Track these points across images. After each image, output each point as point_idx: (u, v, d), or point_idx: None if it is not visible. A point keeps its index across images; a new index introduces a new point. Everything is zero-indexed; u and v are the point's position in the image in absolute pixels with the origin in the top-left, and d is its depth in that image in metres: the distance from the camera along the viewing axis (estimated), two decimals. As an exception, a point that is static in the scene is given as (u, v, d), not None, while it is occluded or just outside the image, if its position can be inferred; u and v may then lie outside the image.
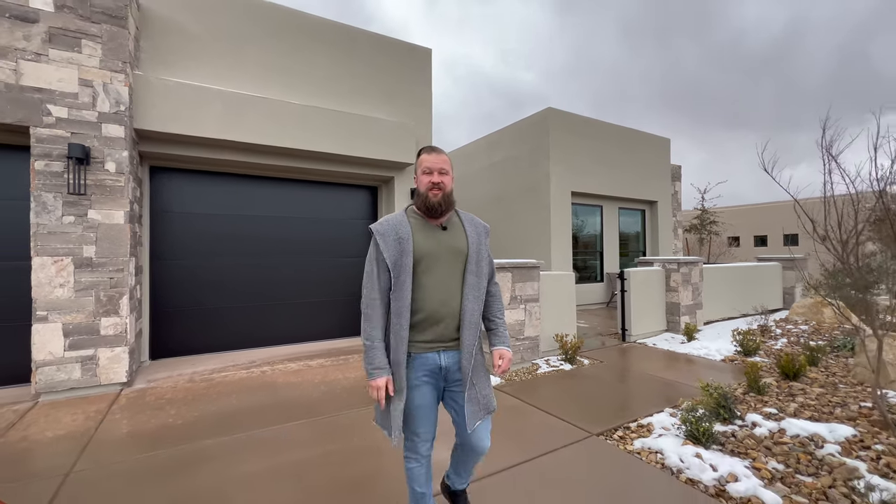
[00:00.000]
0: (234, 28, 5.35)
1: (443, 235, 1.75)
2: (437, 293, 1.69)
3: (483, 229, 1.86)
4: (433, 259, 1.70)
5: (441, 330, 1.71)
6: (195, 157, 5.18)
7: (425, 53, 6.91)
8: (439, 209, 1.72)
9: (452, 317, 1.71)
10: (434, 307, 1.69)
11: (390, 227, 1.72)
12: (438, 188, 1.71)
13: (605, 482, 2.59)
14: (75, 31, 4.08)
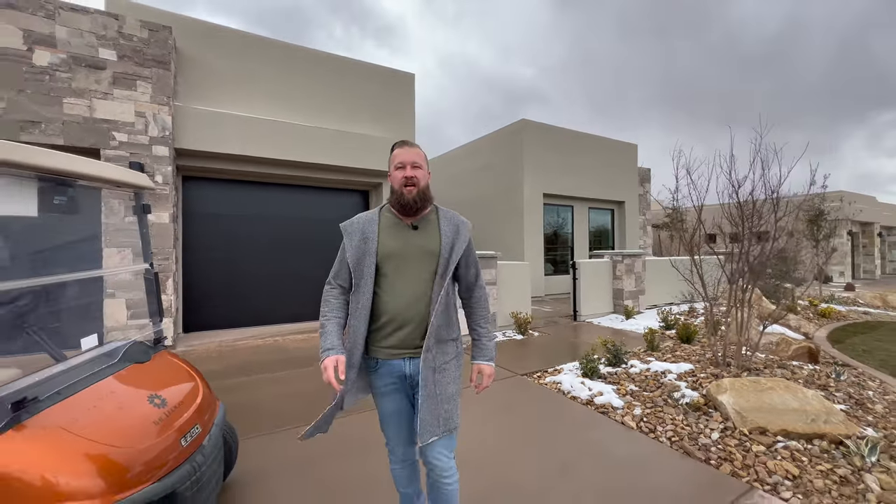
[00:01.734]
0: (247, 63, 6.57)
1: (412, 235, 1.62)
2: (402, 297, 1.58)
3: (463, 227, 1.68)
4: (400, 260, 1.59)
5: (405, 335, 1.58)
6: (219, 169, 6.41)
7: (409, 77, 8.15)
8: (414, 206, 1.60)
9: (418, 322, 1.57)
10: (398, 311, 1.58)
11: (358, 225, 1.66)
12: (412, 183, 1.59)
13: (516, 399, 3.85)
14: (132, 75, 5.31)
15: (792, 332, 5.24)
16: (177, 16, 6.08)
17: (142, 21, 5.39)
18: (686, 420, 3.27)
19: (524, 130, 10.88)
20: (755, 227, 4.22)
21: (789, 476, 2.54)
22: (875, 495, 2.34)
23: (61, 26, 4.97)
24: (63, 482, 1.29)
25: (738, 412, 3.14)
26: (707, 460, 2.74)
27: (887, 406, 3.53)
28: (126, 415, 1.59)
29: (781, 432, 2.97)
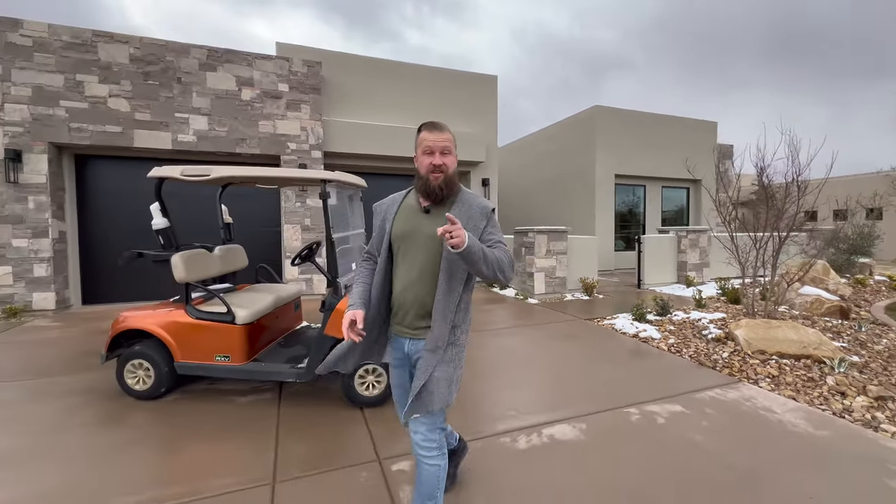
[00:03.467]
0: (371, 81, 8.44)
1: (423, 220, 1.60)
2: (404, 279, 1.61)
3: (479, 211, 1.60)
4: (408, 244, 1.60)
5: (404, 316, 1.63)
6: (352, 165, 8.44)
7: (492, 79, 9.54)
8: (440, 194, 1.56)
9: (416, 305, 1.59)
10: (399, 291, 1.63)
11: (382, 207, 1.72)
12: (440, 171, 1.54)
13: (576, 331, 5.30)
14: (298, 100, 7.42)
15: (828, 294, 5.90)
16: (324, 51, 8.10)
17: (303, 60, 7.46)
18: (707, 347, 4.48)
19: (597, 116, 11.70)
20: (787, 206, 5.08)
21: (770, 376, 3.73)
22: (827, 387, 3.47)
23: (256, 70, 7.17)
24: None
25: (747, 340, 4.29)
26: (713, 367, 3.99)
27: (887, 348, 4.39)
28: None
29: (777, 353, 4.09)
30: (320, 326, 3.08)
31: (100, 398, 3.25)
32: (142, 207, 6.94)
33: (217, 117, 6.96)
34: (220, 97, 6.98)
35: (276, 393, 3.37)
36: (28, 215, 6.16)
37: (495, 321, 5.97)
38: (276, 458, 2.44)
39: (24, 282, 6.15)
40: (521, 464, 2.42)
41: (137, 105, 6.55)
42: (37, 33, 6.11)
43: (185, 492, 2.14)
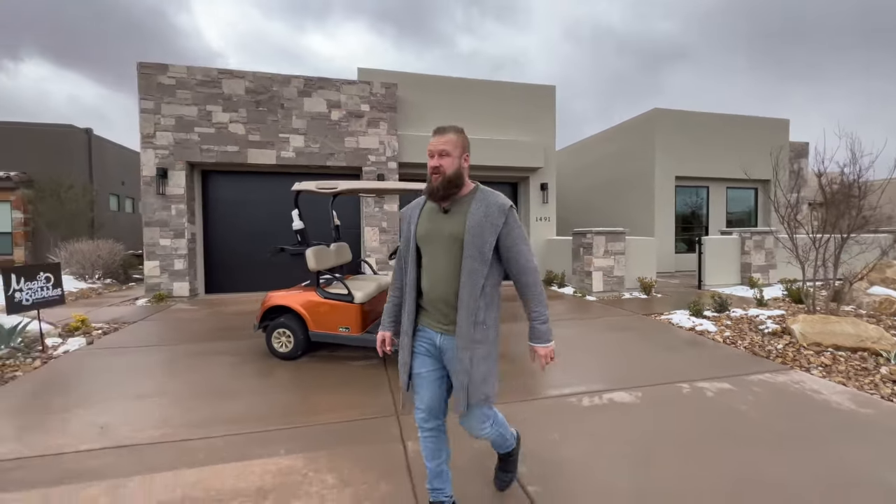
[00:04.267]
0: (439, 96, 9.33)
1: (442, 219, 1.67)
2: (430, 277, 1.70)
3: (497, 209, 1.63)
4: (431, 243, 1.69)
5: (432, 313, 1.72)
6: (422, 173, 9.36)
7: (549, 89, 10.08)
8: (438, 192, 1.64)
9: (442, 302, 1.67)
10: (427, 290, 1.71)
11: (407, 212, 1.82)
12: (437, 171, 1.62)
13: (632, 325, 5.74)
14: (377, 118, 8.46)
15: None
16: (399, 73, 9.13)
17: (382, 83, 8.50)
18: (762, 340, 4.77)
19: (656, 119, 11.79)
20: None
21: (822, 365, 4.01)
22: (880, 375, 3.71)
23: (342, 94, 8.31)
24: None
25: (802, 334, 4.54)
26: (766, 356, 4.31)
27: (957, 345, 4.42)
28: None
29: (832, 346, 4.32)
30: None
31: (252, 358, 4.28)
32: (252, 213, 8.35)
33: (311, 136, 8.16)
34: (314, 118, 8.18)
35: (382, 360, 4.23)
36: (171, 220, 7.68)
37: (552, 314, 6.52)
38: (393, 401, 3.25)
39: (168, 273, 7.67)
40: (585, 415, 3.05)
41: (250, 128, 7.89)
42: (178, 75, 7.61)
43: (327, 419, 3.00)
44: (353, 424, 2.89)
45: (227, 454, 2.48)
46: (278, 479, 2.22)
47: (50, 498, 2.09)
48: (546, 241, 10.19)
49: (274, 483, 2.19)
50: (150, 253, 7.66)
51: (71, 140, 13.50)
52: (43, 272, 4.45)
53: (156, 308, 6.90)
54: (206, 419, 2.97)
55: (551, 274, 9.43)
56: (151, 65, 7.54)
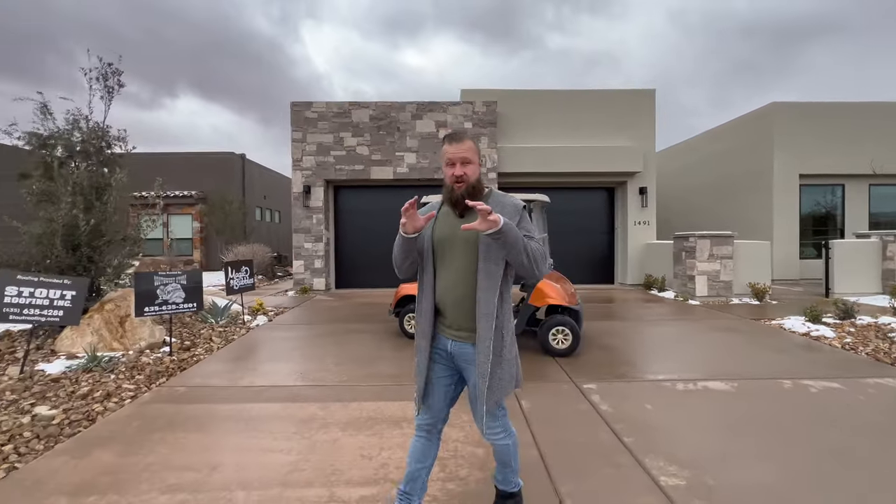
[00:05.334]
0: (533, 109, 9.93)
1: (459, 223, 1.63)
2: (442, 281, 1.68)
3: (511, 208, 1.65)
4: (448, 247, 1.67)
5: (449, 319, 1.69)
6: (518, 182, 10.03)
7: (649, 93, 10.04)
8: (464, 202, 1.57)
9: (455, 306, 1.66)
10: (441, 294, 1.68)
11: (423, 214, 1.74)
12: (462, 180, 1.61)
13: (738, 327, 5.71)
14: (478, 134, 9.36)
15: None
16: (498, 91, 9.96)
17: (483, 102, 9.39)
18: (889, 347, 4.52)
19: (773, 114, 10.90)
20: None
21: (960, 374, 3.78)
22: None
23: (448, 115, 9.37)
24: (553, 293, 4.45)
25: (940, 343, 4.23)
26: (892, 363, 4.14)
27: None
28: (566, 281, 4.73)
29: (978, 357, 3.99)
30: (524, 297, 4.57)
31: (387, 336, 5.35)
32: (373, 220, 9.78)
33: (422, 153, 9.35)
34: (424, 138, 9.36)
35: (491, 343, 5.00)
36: (312, 228, 9.42)
37: (652, 315, 6.69)
38: (506, 373, 3.98)
39: (310, 271, 9.41)
40: (678, 396, 3.45)
41: (373, 149, 9.34)
42: (319, 109, 9.36)
43: (464, 379, 3.82)
44: (477, 386, 3.69)
45: (385, 396, 3.44)
46: (430, 412, 3.09)
47: (289, 407, 3.22)
48: (645, 245, 10.11)
49: (428, 414, 3.07)
50: (297, 254, 9.48)
51: (230, 164, 16.81)
52: (244, 266, 6.08)
53: (302, 298, 8.57)
54: (363, 375, 4.00)
55: (650, 278, 9.37)
56: (300, 103, 9.39)
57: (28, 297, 3.74)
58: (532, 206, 4.66)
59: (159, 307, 4.32)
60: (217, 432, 2.85)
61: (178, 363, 4.12)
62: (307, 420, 3.01)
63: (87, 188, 4.85)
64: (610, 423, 2.91)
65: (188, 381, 3.74)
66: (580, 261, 10.45)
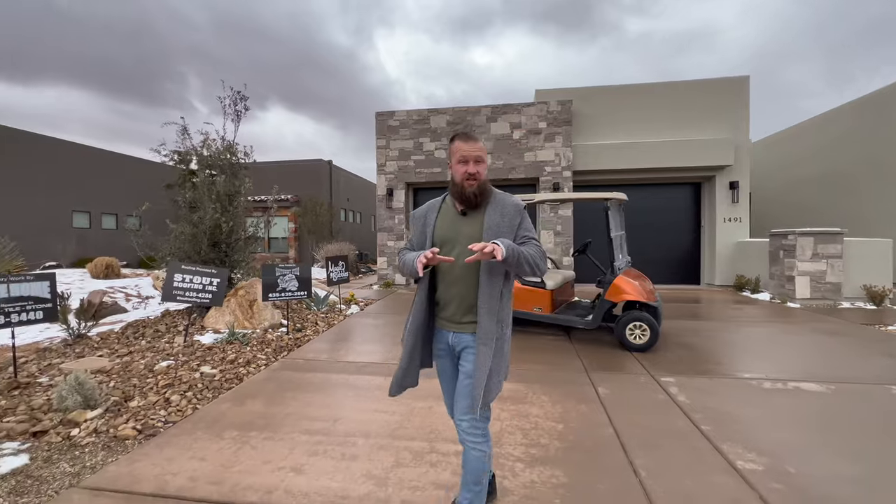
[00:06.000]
0: (612, 106, 9.75)
1: (461, 222, 1.72)
2: (446, 277, 1.73)
3: (513, 209, 1.69)
4: (451, 245, 1.70)
5: (450, 312, 1.75)
6: (595, 179, 9.93)
7: (742, 81, 9.34)
8: (475, 200, 1.67)
9: (459, 301, 1.71)
10: (442, 290, 1.74)
11: (422, 213, 1.83)
12: (474, 178, 1.65)
13: (846, 332, 5.25)
14: (552, 133, 9.44)
15: None
16: (573, 89, 9.95)
17: (557, 101, 9.46)
18: None
19: (902, 92, 9.51)
20: None
21: None
22: None
23: (522, 116, 9.58)
24: (630, 289, 4.52)
25: None
26: None
27: None
28: (644, 279, 4.77)
29: None
30: (601, 293, 4.71)
31: (466, 327, 5.78)
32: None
33: (497, 154, 9.67)
34: (498, 139, 9.67)
35: (565, 334, 5.18)
36: (394, 227, 10.21)
37: (743, 316, 6.34)
38: (582, 364, 4.18)
39: (392, 267, 10.20)
40: (764, 394, 3.41)
41: (450, 152, 9.85)
42: (401, 117, 10.10)
43: (530, 367, 4.09)
44: (552, 374, 3.94)
45: (474, 376, 3.84)
46: (510, 394, 3.42)
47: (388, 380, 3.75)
48: (736, 243, 9.43)
49: (508, 395, 3.40)
50: (381, 251, 10.33)
51: (319, 169, 18.51)
52: (340, 261, 6.91)
53: (386, 291, 9.35)
54: (452, 357, 4.45)
55: (742, 279, 8.75)
56: (383, 113, 10.21)
57: (188, 283, 4.73)
58: (609, 204, 4.76)
59: (279, 294, 5.16)
60: (333, 395, 3.46)
61: (294, 341, 4.92)
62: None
63: (222, 195, 5.90)
64: (687, 413, 3.03)
65: (304, 356, 4.48)
66: (663, 260, 10.03)
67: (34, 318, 3.69)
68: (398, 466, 2.38)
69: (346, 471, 2.33)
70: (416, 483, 2.22)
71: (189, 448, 2.58)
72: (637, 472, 2.29)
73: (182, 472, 2.32)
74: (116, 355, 4.28)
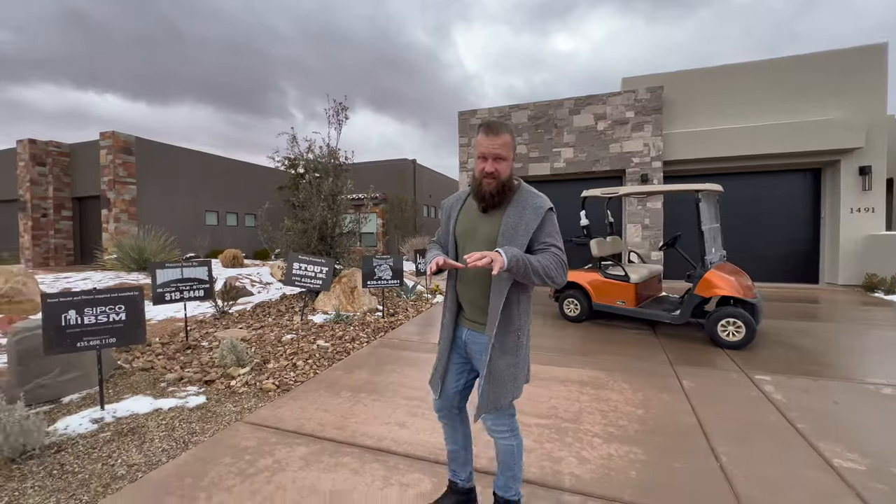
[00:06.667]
0: (705, 88, 9.02)
1: (480, 220, 1.66)
2: (462, 275, 1.70)
3: (532, 212, 1.58)
4: (467, 242, 1.68)
5: (467, 312, 1.73)
6: (689, 169, 9.30)
7: (876, 50, 8.03)
8: (491, 200, 1.59)
9: (471, 302, 1.69)
10: (462, 290, 1.72)
11: (449, 204, 1.81)
12: (492, 177, 1.56)
13: None
14: (641, 122, 9.04)
15: None
16: (664, 74, 9.40)
17: (646, 88, 9.02)
18: None
19: None
20: None
21: None
22: None
23: (608, 106, 9.30)
24: (723, 284, 4.31)
25: None
26: None
27: None
28: (741, 274, 4.53)
29: None
30: (690, 288, 4.58)
31: (548, 319, 5.92)
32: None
33: (579, 146, 9.52)
34: (581, 132, 9.51)
35: (650, 329, 5.10)
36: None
37: (872, 319, 5.62)
38: (668, 358, 4.13)
39: (473, 261, 10.60)
40: (879, 399, 3.13)
41: (530, 147, 9.93)
42: (482, 115, 10.40)
43: (612, 357, 4.15)
44: (633, 364, 3.98)
45: (549, 362, 4.03)
46: (589, 380, 3.57)
47: (474, 361, 4.11)
48: (866, 237, 8.19)
49: (588, 380, 3.56)
50: (462, 245, 10.78)
51: (404, 168, 19.59)
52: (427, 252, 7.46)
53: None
54: (532, 345, 4.66)
55: (874, 278, 7.62)
56: (466, 112, 10.60)
57: (304, 270, 5.56)
58: (700, 196, 4.58)
59: (376, 282, 5.80)
60: (426, 370, 3.90)
61: (388, 323, 5.51)
62: (489, 371, 3.85)
63: (328, 195, 6.75)
64: (782, 410, 2.93)
65: (399, 336, 5.03)
66: (774, 257, 9.08)
67: (197, 296, 4.70)
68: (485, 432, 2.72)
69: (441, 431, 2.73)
70: (502, 445, 2.54)
71: (315, 402, 3.18)
72: (718, 458, 2.36)
73: (313, 418, 2.91)
74: (252, 329, 5.22)
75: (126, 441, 2.63)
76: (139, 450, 2.53)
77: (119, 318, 3.10)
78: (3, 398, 2.60)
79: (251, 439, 2.62)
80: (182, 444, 2.60)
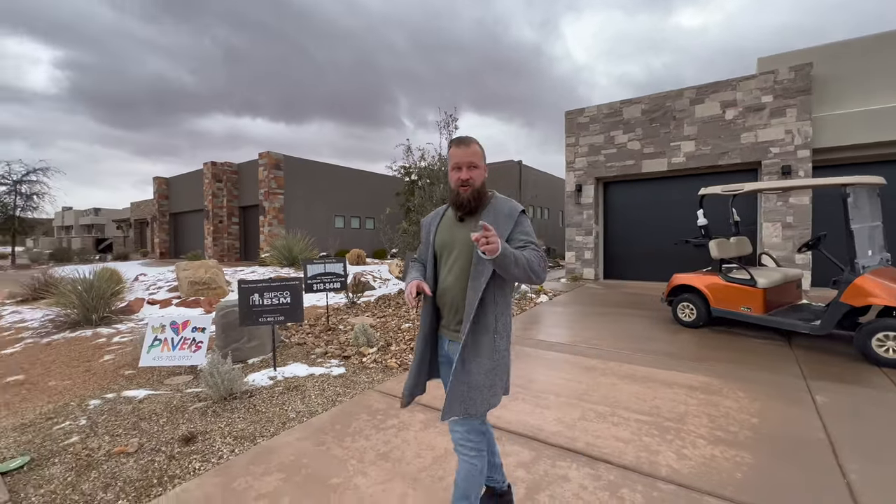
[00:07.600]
0: (874, 61, 7.49)
1: (458, 228, 1.72)
2: (442, 283, 1.74)
3: (506, 215, 1.67)
4: (448, 252, 1.73)
5: (446, 320, 1.76)
6: (846, 157, 7.85)
7: None
8: (469, 206, 1.68)
9: (452, 307, 1.71)
10: (439, 295, 1.75)
11: (427, 221, 1.89)
12: (467, 184, 1.66)
13: None
14: (782, 107, 7.92)
15: None
16: (813, 49, 8.09)
17: (789, 67, 7.87)
18: None
19: None
20: None
21: None
22: None
23: (738, 92, 8.34)
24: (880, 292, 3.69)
25: None
26: None
27: None
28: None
29: None
30: (836, 295, 4.02)
31: (659, 322, 5.66)
32: (642, 214, 9.83)
33: (702, 139, 8.71)
34: (705, 122, 8.69)
35: (784, 339, 4.58)
36: (583, 222, 10.37)
37: None
38: (801, 371, 3.73)
39: (580, 261, 10.41)
40: None
41: (644, 143, 9.39)
42: (591, 113, 10.15)
43: (728, 364, 3.86)
44: (755, 374, 3.69)
45: (657, 365, 3.95)
46: (700, 385, 3.45)
47: (574, 358, 4.23)
48: None
49: (698, 385, 3.44)
50: (569, 246, 10.65)
51: (510, 170, 19.86)
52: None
53: (573, 285, 9.64)
54: (636, 348, 4.58)
55: None
56: (573, 111, 10.45)
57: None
58: (848, 190, 4.00)
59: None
60: (528, 363, 4.17)
61: (493, 319, 5.88)
62: (589, 369, 3.95)
63: (439, 200, 7.39)
64: (947, 438, 2.53)
65: (503, 332, 5.36)
66: None
67: (335, 287, 5.65)
68: (583, 419, 2.90)
69: (540, 415, 2.99)
70: (599, 433, 2.70)
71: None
72: (846, 475, 2.20)
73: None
74: (376, 317, 6.06)
75: (292, 395, 3.44)
76: (302, 401, 3.30)
77: (286, 301, 4.01)
78: (220, 356, 3.63)
79: (381, 403, 3.22)
80: (331, 401, 3.31)
